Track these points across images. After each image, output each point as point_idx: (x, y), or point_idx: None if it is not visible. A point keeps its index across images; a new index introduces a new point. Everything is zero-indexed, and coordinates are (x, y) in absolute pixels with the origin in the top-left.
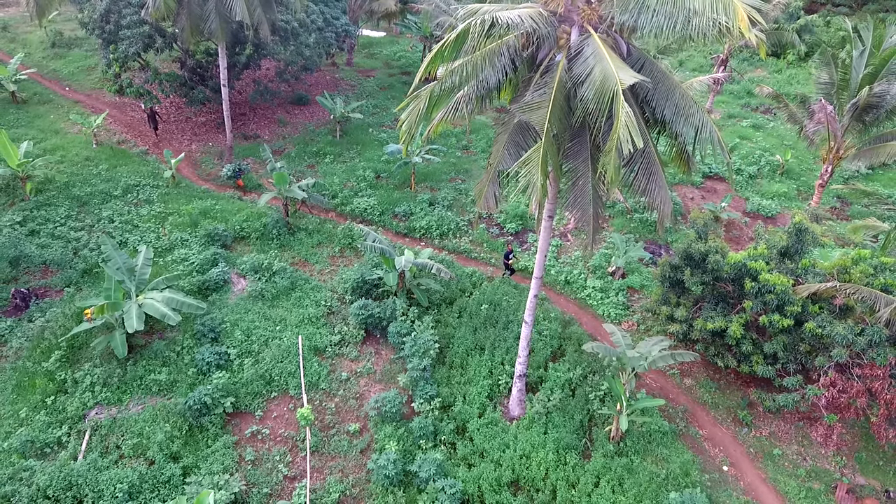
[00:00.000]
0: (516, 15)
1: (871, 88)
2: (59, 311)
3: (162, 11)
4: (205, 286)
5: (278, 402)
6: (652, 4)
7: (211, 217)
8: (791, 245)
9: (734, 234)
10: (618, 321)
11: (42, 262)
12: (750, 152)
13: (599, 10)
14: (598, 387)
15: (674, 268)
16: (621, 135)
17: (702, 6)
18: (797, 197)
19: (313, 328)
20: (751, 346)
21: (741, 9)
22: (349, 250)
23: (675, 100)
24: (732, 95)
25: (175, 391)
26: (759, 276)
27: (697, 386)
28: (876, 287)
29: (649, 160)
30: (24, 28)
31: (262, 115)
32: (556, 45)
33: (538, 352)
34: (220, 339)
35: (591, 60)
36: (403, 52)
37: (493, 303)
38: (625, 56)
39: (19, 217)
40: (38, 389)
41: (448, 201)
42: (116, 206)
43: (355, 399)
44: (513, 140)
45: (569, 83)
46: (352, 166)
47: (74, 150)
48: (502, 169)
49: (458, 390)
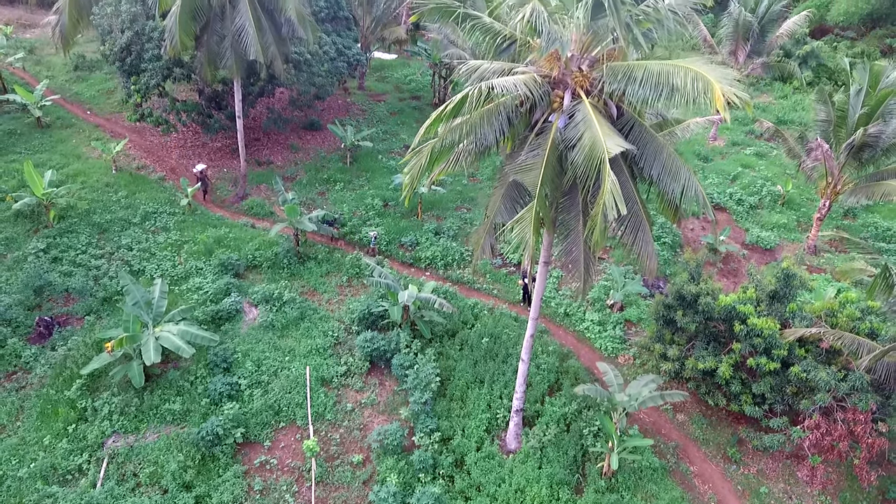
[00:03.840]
0: (512, 83)
1: (867, 129)
2: (80, 340)
3: (179, 49)
4: (218, 315)
5: (286, 433)
6: (639, 77)
7: (225, 245)
8: (779, 289)
9: (732, 266)
10: (615, 355)
11: (64, 290)
12: (752, 181)
13: (591, 76)
14: (592, 422)
15: (667, 307)
16: (607, 201)
17: (683, 84)
18: (797, 228)
19: (321, 358)
20: (740, 386)
21: (718, 90)
22: (356, 280)
23: (662, 160)
24: (737, 122)
25: (188, 420)
26: (747, 319)
27: (690, 421)
28: (862, 331)
29: (637, 218)
30: (48, 50)
31: (276, 141)
32: (550, 107)
33: (536, 386)
34: (232, 369)
35: (582, 126)
36: (413, 75)
37: (494, 336)
38: (615, 118)
39: (43, 244)
40: (60, 417)
41: (453, 230)
42: (135, 234)
43: (359, 430)
44: (508, 195)
45: (561, 145)
46: (361, 194)
47: (95, 175)
48: (498, 221)
49: (458, 423)
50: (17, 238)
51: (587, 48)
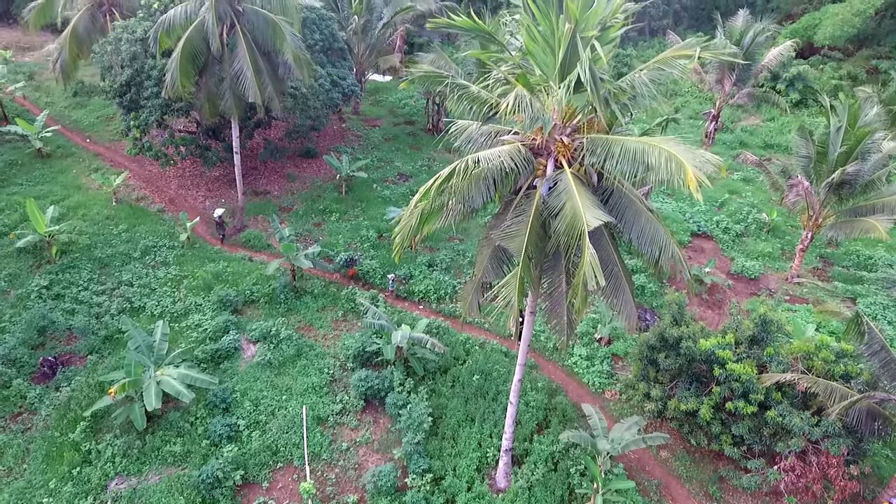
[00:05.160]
0: (497, 156)
1: (845, 169)
2: (83, 381)
3: (179, 91)
4: (217, 354)
5: (283, 473)
6: (616, 154)
7: (223, 280)
8: (757, 333)
9: (717, 297)
10: (602, 390)
11: (67, 328)
12: (738, 208)
13: (573, 146)
14: (578, 461)
15: (651, 348)
16: (587, 272)
17: (657, 163)
18: (781, 257)
19: (317, 397)
20: (720, 427)
21: (690, 172)
22: (351, 314)
23: (640, 225)
24: (725, 146)
25: (189, 462)
26: (726, 364)
27: (673, 458)
28: (837, 374)
29: (617, 280)
30: (48, 74)
31: (272, 170)
32: (534, 173)
33: (525, 423)
34: (231, 408)
35: (564, 196)
36: (407, 101)
37: (485, 372)
38: (595, 185)
39: (46, 281)
40: (65, 460)
41: (446, 263)
42: (135, 269)
43: (354, 470)
44: (495, 255)
45: (545, 213)
46: (356, 225)
47: (96, 208)
48: (486, 280)
49: (449, 463)
50: (21, 274)
51: (569, 117)
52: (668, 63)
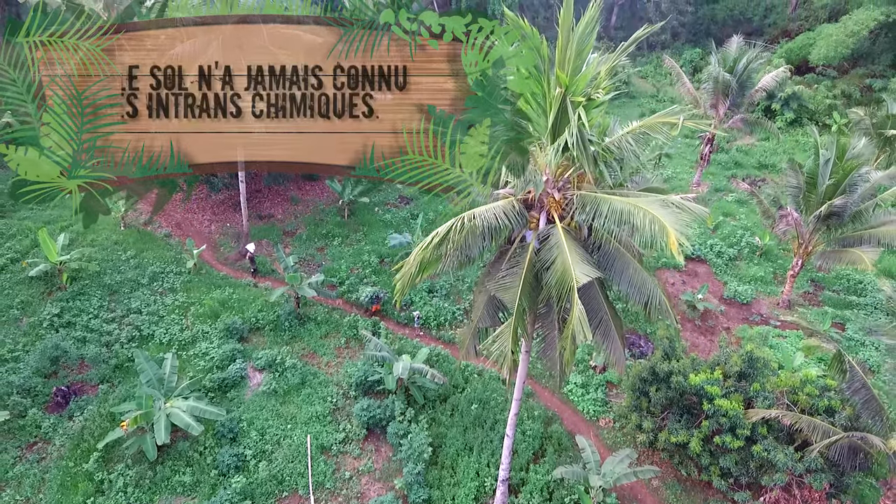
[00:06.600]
0: (493, 214)
1: (832, 202)
2: (95, 410)
3: None
4: (224, 383)
5: (289, 502)
6: (604, 212)
7: (229, 307)
8: (744, 369)
9: (709, 323)
10: (596, 418)
11: (79, 357)
12: (732, 231)
13: (563, 202)
14: (573, 490)
15: (642, 380)
16: (575, 326)
17: (642, 225)
18: (773, 281)
19: (320, 426)
20: (709, 459)
21: (673, 235)
22: (354, 341)
23: (628, 275)
24: (720, 166)
25: (198, 491)
26: (714, 399)
27: (664, 487)
28: (821, 408)
29: (606, 326)
30: None
31: (276, 193)
32: (528, 226)
33: (521, 453)
34: (238, 438)
35: (555, 250)
36: None
37: (483, 401)
38: (586, 237)
39: (57, 309)
40: (80, 490)
41: (446, 289)
42: (143, 296)
43: (357, 499)
44: (491, 303)
45: (537, 265)
46: (358, 249)
47: (104, 233)
48: (482, 326)
49: (448, 492)
50: (33, 301)
51: (560, 174)
52: (652, 128)
